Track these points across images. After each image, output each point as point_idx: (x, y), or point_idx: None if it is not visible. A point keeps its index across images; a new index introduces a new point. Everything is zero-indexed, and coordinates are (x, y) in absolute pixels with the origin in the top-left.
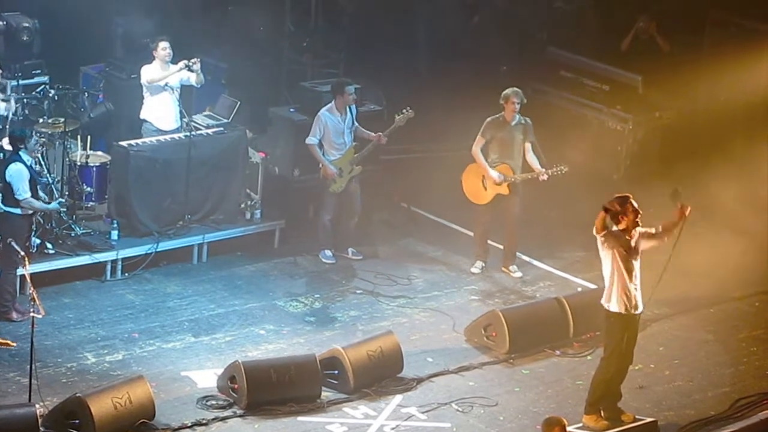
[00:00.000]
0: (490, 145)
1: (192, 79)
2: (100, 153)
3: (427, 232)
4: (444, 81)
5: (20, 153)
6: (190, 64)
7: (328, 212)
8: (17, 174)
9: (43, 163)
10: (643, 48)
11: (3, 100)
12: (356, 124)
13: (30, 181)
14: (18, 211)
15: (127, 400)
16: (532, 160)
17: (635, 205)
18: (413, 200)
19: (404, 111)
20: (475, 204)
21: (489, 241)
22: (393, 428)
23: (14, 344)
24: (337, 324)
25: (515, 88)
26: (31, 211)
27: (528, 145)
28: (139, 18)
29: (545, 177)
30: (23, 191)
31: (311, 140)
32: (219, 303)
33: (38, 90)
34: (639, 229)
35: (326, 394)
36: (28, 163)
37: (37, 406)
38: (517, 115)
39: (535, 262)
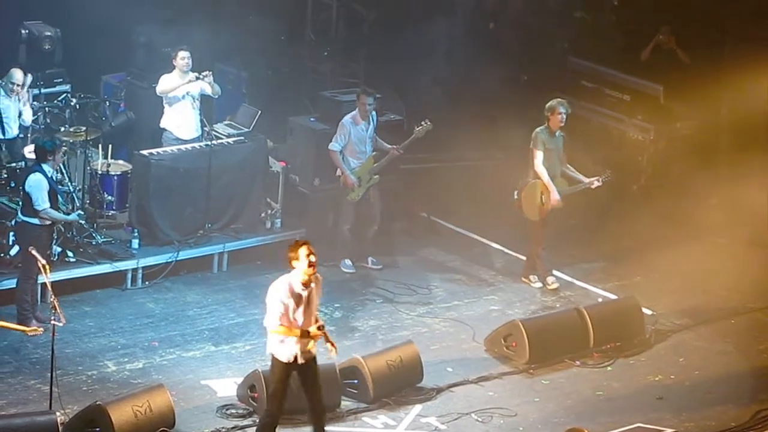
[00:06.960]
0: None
1: (207, 90)
2: (121, 162)
3: (448, 242)
4: (464, 91)
5: (42, 164)
6: (202, 76)
7: (347, 221)
8: (36, 184)
9: (64, 171)
10: (664, 59)
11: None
12: (375, 134)
13: (50, 192)
14: (36, 221)
15: (147, 408)
16: (571, 169)
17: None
18: (433, 210)
19: (423, 123)
20: (532, 221)
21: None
22: None
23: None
24: (357, 333)
25: (560, 99)
26: (49, 222)
27: (564, 156)
28: (161, 27)
29: (599, 184)
30: (42, 202)
31: (334, 146)
32: (239, 312)
33: (60, 99)
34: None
35: (346, 404)
36: (49, 174)
37: (58, 413)
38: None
39: (555, 272)
